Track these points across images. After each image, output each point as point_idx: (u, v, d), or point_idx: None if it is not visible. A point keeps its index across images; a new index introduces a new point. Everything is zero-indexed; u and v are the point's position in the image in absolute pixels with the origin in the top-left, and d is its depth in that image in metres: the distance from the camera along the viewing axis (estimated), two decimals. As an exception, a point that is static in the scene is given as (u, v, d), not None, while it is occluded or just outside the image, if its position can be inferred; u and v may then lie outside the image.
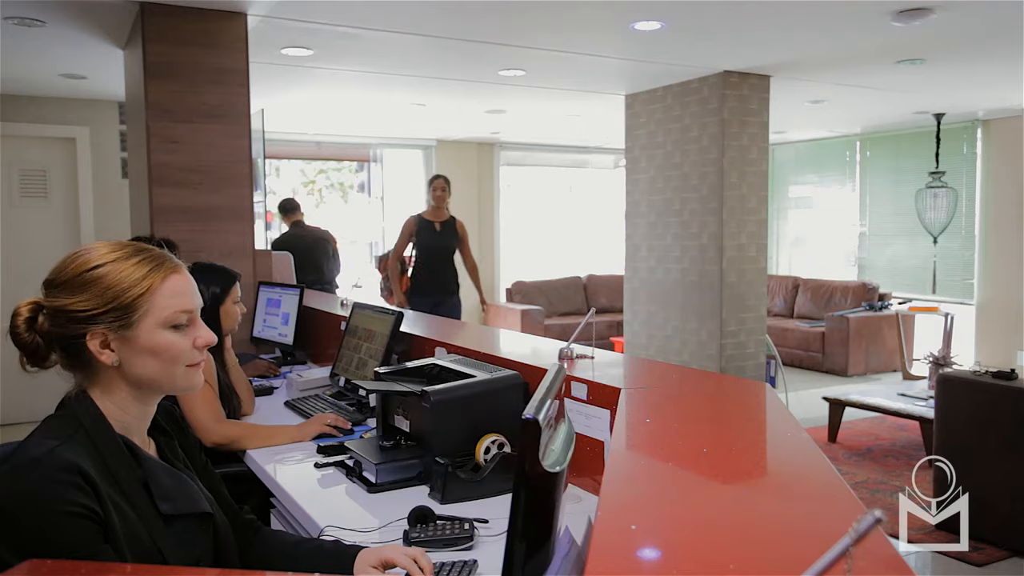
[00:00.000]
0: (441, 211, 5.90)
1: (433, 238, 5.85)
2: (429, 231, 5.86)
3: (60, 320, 1.21)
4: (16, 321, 1.23)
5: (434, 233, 5.86)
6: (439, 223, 5.90)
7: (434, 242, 5.84)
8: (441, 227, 5.89)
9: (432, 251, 5.85)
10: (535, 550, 0.99)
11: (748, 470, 1.33)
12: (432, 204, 5.89)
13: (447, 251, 5.93)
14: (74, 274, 1.22)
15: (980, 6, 4.07)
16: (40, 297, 1.25)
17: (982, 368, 3.97)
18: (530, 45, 4.79)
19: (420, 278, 5.88)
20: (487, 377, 2.07)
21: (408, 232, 5.92)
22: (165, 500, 1.24)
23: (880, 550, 0.86)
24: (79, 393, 1.25)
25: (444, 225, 5.92)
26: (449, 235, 5.92)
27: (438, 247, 5.86)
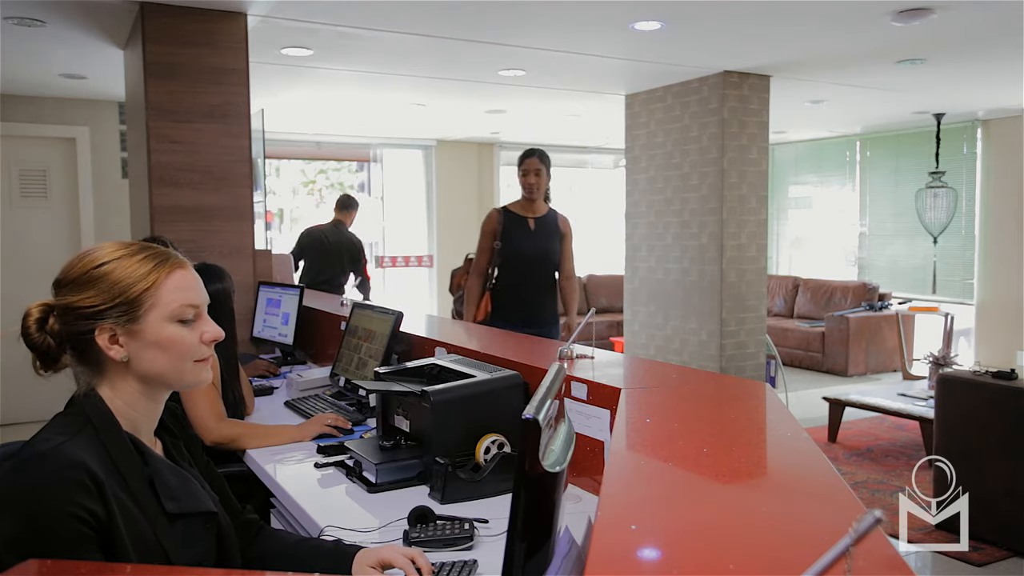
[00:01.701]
0: (536, 203, 4.12)
1: (526, 241, 4.06)
2: (520, 231, 4.07)
3: (69, 318, 1.23)
4: (27, 323, 1.24)
5: (527, 233, 4.07)
6: (533, 219, 4.11)
7: (527, 246, 4.05)
8: (537, 225, 4.10)
9: (524, 259, 4.05)
10: (535, 550, 0.99)
11: (748, 470, 1.33)
12: (523, 193, 4.13)
13: (546, 260, 4.10)
14: (81, 272, 1.24)
15: (980, 6, 4.07)
16: (50, 299, 1.26)
17: (982, 368, 3.97)
18: (530, 45, 4.79)
19: (505, 299, 4.05)
20: (487, 377, 2.07)
21: (489, 231, 4.14)
22: (170, 499, 1.24)
23: (880, 550, 0.86)
24: (88, 391, 1.26)
25: (541, 223, 4.11)
26: (548, 236, 4.11)
27: (533, 254, 4.06)
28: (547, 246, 4.09)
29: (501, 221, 4.11)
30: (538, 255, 4.07)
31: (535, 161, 4.06)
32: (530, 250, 4.05)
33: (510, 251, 4.06)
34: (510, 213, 4.13)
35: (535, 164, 4.05)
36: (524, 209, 4.13)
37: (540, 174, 4.06)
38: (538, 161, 4.06)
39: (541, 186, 4.07)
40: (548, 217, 4.14)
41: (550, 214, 4.15)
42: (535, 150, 4.10)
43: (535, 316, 4.03)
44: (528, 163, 4.07)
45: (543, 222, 4.12)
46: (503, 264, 4.05)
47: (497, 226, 4.11)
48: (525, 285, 4.04)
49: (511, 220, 4.11)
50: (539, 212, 4.12)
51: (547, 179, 4.09)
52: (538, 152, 4.08)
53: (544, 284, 4.10)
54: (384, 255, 9.32)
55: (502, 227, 4.09)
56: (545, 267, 4.10)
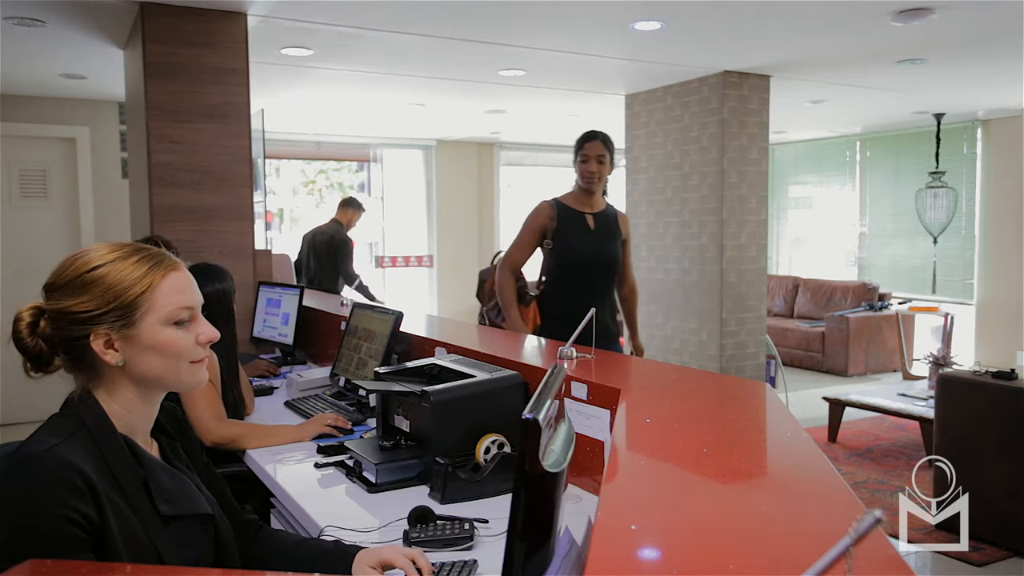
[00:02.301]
0: (595, 196, 3.41)
1: (584, 241, 3.34)
2: (576, 229, 3.35)
3: (63, 323, 1.21)
4: (18, 326, 1.22)
5: (586, 232, 3.35)
6: (592, 215, 3.39)
7: (586, 248, 3.34)
8: (597, 223, 3.38)
9: (581, 264, 3.33)
10: (535, 550, 0.99)
11: (748, 470, 1.33)
12: (579, 184, 3.39)
13: (608, 265, 3.40)
14: (74, 276, 1.22)
15: (980, 6, 4.07)
16: (41, 301, 1.24)
17: (982, 368, 3.97)
18: (530, 45, 4.79)
19: (557, 311, 3.35)
20: (487, 377, 2.07)
21: (538, 228, 3.38)
22: (165, 501, 1.24)
23: (880, 550, 0.86)
24: (83, 393, 1.25)
25: (602, 221, 3.41)
26: (610, 237, 3.41)
27: (593, 257, 3.35)
28: (608, 249, 3.37)
29: (554, 216, 3.33)
30: (599, 259, 3.34)
31: (598, 145, 3.32)
32: (589, 253, 3.32)
33: (565, 253, 3.31)
34: (565, 207, 3.37)
35: (598, 148, 3.31)
36: (581, 203, 3.38)
37: (604, 161, 3.32)
38: (602, 145, 3.32)
39: (604, 176, 3.35)
40: (608, 214, 3.42)
41: (609, 211, 3.45)
42: (598, 132, 3.37)
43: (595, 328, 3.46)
44: (590, 147, 3.32)
45: (603, 220, 3.39)
46: (555, 269, 3.32)
47: (549, 222, 3.33)
48: (582, 295, 3.24)
49: (566, 216, 3.34)
50: (598, 207, 3.41)
51: (611, 168, 3.36)
52: (601, 135, 3.34)
53: (605, 294, 3.36)
54: (384, 255, 9.32)
55: (555, 223, 3.32)
56: (607, 274, 3.38)
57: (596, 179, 3.34)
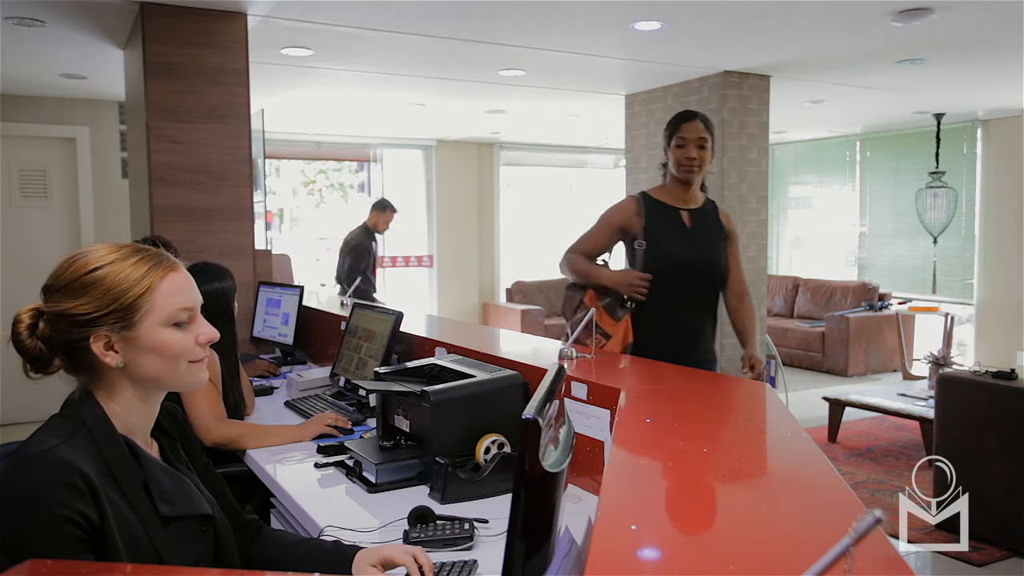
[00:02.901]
0: (692, 190, 2.85)
1: (682, 242, 2.80)
2: (671, 228, 2.82)
3: (62, 325, 1.21)
4: (18, 328, 1.22)
5: (682, 232, 2.82)
6: (688, 212, 2.85)
7: (685, 250, 2.79)
8: (695, 221, 2.85)
9: (680, 269, 2.77)
10: (535, 550, 0.99)
11: (748, 470, 1.33)
12: (672, 173, 2.84)
13: (710, 269, 2.85)
14: (73, 278, 1.22)
15: (980, 6, 4.07)
16: (40, 303, 1.24)
17: (982, 368, 3.97)
18: (530, 45, 4.79)
19: (653, 327, 2.73)
20: (487, 377, 2.07)
21: (617, 224, 2.89)
22: (164, 502, 1.24)
23: (880, 550, 0.86)
24: (83, 394, 1.25)
25: (701, 218, 2.87)
26: (711, 235, 2.87)
27: (693, 261, 2.79)
28: (711, 251, 2.82)
29: (642, 213, 2.80)
30: (700, 263, 2.79)
31: (698, 126, 2.74)
32: (689, 256, 2.76)
33: (659, 257, 2.75)
34: (655, 202, 2.83)
35: (698, 131, 2.73)
36: (676, 197, 2.83)
37: (705, 146, 2.74)
38: (703, 126, 2.74)
39: (705, 164, 2.76)
40: (707, 210, 2.88)
41: (709, 206, 2.90)
42: (696, 112, 2.81)
43: (693, 348, 2.78)
44: (688, 128, 2.74)
45: (703, 217, 2.85)
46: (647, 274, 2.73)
47: (636, 219, 2.80)
48: (681, 305, 2.75)
49: (657, 212, 2.80)
50: (696, 203, 2.85)
51: (712, 155, 2.80)
52: (701, 115, 2.78)
53: (708, 305, 2.85)
54: (384, 255, 9.32)
55: (644, 221, 2.78)
56: (710, 281, 2.85)
57: (696, 167, 2.73)
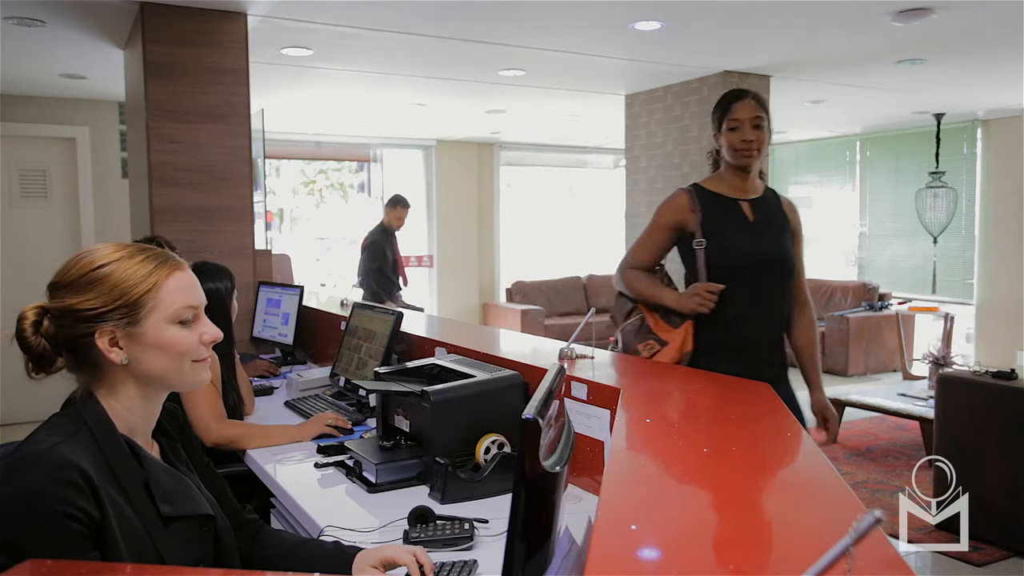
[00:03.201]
0: (751, 178, 2.48)
1: (746, 237, 2.43)
2: (731, 222, 2.45)
3: (67, 320, 1.22)
4: (22, 325, 1.23)
5: (745, 226, 2.45)
6: (748, 202, 2.48)
7: (750, 246, 2.42)
8: (757, 212, 2.47)
9: (745, 269, 2.41)
10: (535, 550, 0.99)
11: (748, 470, 1.33)
12: (726, 160, 2.48)
13: (779, 263, 2.47)
14: (79, 274, 1.23)
15: (980, 6, 4.07)
16: (45, 301, 1.25)
17: (982, 368, 3.97)
18: (530, 45, 4.79)
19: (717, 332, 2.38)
20: (487, 377, 2.07)
21: (671, 223, 2.54)
22: (166, 502, 1.24)
23: (880, 550, 0.86)
24: (85, 393, 1.25)
25: (763, 209, 2.49)
26: (776, 227, 2.49)
27: (758, 256, 2.42)
28: (779, 245, 2.45)
29: (696, 207, 2.45)
30: (770, 259, 2.42)
31: (750, 105, 2.40)
32: (756, 251, 2.40)
33: (723, 255, 2.40)
34: (709, 194, 2.47)
35: (751, 109, 2.39)
36: (733, 187, 2.47)
37: (762, 126, 2.40)
38: (756, 105, 2.40)
39: (763, 146, 2.42)
40: (768, 200, 2.50)
41: (770, 195, 2.52)
42: (747, 90, 2.48)
43: (764, 357, 2.44)
44: (741, 108, 2.40)
45: (765, 208, 2.48)
46: (709, 278, 2.39)
47: (691, 215, 2.45)
48: (750, 310, 2.39)
49: (714, 205, 2.45)
50: (755, 192, 2.49)
51: (769, 137, 2.46)
52: (752, 92, 2.46)
53: (780, 308, 2.49)
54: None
55: (701, 216, 2.43)
56: (781, 279, 2.46)
57: (753, 151, 2.40)
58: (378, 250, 6.72)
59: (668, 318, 2.43)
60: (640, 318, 2.49)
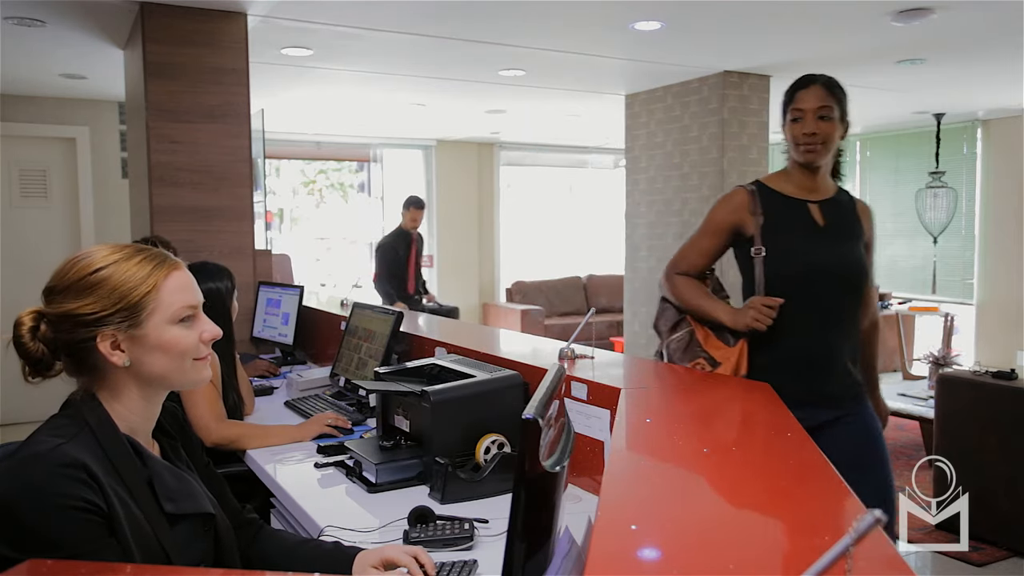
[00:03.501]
0: (820, 176, 2.23)
1: (813, 244, 2.17)
2: (797, 225, 2.20)
3: (67, 325, 1.21)
4: (20, 331, 1.22)
5: (811, 228, 2.19)
6: (817, 204, 2.21)
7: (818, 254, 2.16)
8: (826, 215, 2.21)
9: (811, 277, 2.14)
10: (535, 550, 0.99)
11: (748, 470, 1.32)
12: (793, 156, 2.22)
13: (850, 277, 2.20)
14: (77, 278, 1.22)
15: (980, 6, 4.07)
16: (40, 305, 1.24)
17: (982, 368, 3.97)
18: (530, 45, 4.79)
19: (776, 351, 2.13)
20: (487, 377, 2.07)
21: (727, 225, 2.25)
22: (169, 500, 1.24)
23: (880, 550, 0.86)
24: (85, 394, 1.25)
25: (832, 210, 2.22)
26: (847, 234, 2.22)
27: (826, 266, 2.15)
28: (850, 253, 2.17)
29: (757, 209, 2.18)
30: (839, 270, 2.14)
31: (818, 93, 2.14)
32: (823, 261, 2.12)
33: (784, 264, 2.14)
34: (773, 194, 2.20)
35: (818, 98, 2.13)
36: (800, 186, 2.20)
37: (830, 117, 2.13)
38: (825, 92, 2.14)
39: (832, 141, 2.15)
40: (841, 203, 2.23)
41: (843, 197, 2.25)
42: (817, 76, 2.21)
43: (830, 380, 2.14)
44: (805, 96, 2.15)
45: (836, 211, 2.20)
46: (768, 289, 2.13)
47: (751, 217, 2.18)
48: (815, 328, 2.12)
49: (777, 206, 2.18)
50: (826, 192, 2.22)
51: (844, 129, 2.20)
52: (823, 78, 2.19)
53: (850, 326, 2.19)
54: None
55: (763, 219, 2.16)
56: (852, 293, 2.17)
57: (817, 146, 2.12)
58: (387, 252, 6.73)
59: (720, 334, 2.17)
60: (689, 332, 2.20)
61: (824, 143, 2.14)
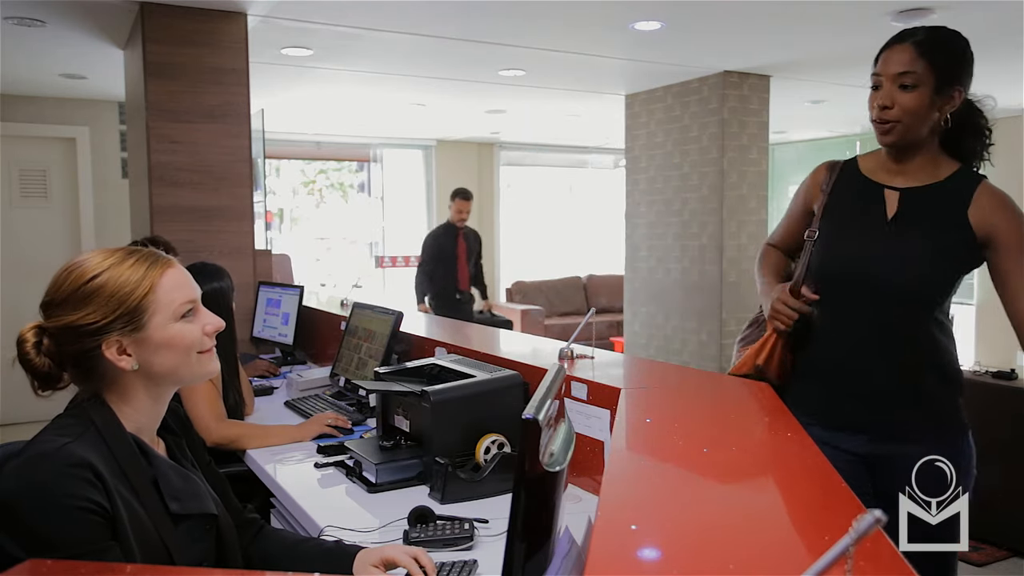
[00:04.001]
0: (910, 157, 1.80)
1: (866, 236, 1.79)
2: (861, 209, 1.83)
3: (70, 337, 1.21)
4: (24, 348, 1.21)
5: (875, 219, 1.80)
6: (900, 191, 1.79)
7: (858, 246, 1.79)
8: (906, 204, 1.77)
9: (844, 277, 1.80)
10: (535, 550, 0.99)
11: (748, 470, 1.32)
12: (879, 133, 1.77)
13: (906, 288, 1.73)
14: (73, 289, 1.21)
15: (980, 6, 4.07)
16: (40, 320, 1.24)
17: (982, 368, 3.97)
18: (530, 45, 4.79)
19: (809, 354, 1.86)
20: (487, 377, 2.07)
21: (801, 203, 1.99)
22: (174, 500, 1.25)
23: (880, 550, 0.86)
24: (92, 396, 1.25)
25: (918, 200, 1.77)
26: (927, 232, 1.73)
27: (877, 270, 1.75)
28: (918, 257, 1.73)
29: (828, 187, 1.89)
30: (890, 276, 1.74)
31: (903, 54, 1.73)
32: (872, 262, 1.76)
33: (826, 254, 1.84)
34: (853, 174, 1.88)
35: (900, 61, 1.72)
36: (883, 167, 1.84)
37: (914, 86, 1.70)
38: (912, 55, 1.72)
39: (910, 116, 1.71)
40: (945, 190, 1.77)
41: (954, 184, 1.79)
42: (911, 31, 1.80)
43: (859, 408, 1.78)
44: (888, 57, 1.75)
45: (926, 201, 1.77)
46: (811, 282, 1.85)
47: (819, 195, 1.91)
48: (844, 338, 1.80)
49: (851, 188, 1.86)
50: (923, 178, 1.79)
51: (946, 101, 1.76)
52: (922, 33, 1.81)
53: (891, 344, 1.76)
54: (384, 255, 9.33)
55: (826, 199, 1.88)
56: (897, 305, 1.75)
57: (893, 124, 1.72)
58: (427, 247, 6.51)
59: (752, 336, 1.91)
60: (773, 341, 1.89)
61: (903, 121, 1.71)
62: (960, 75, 1.79)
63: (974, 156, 1.90)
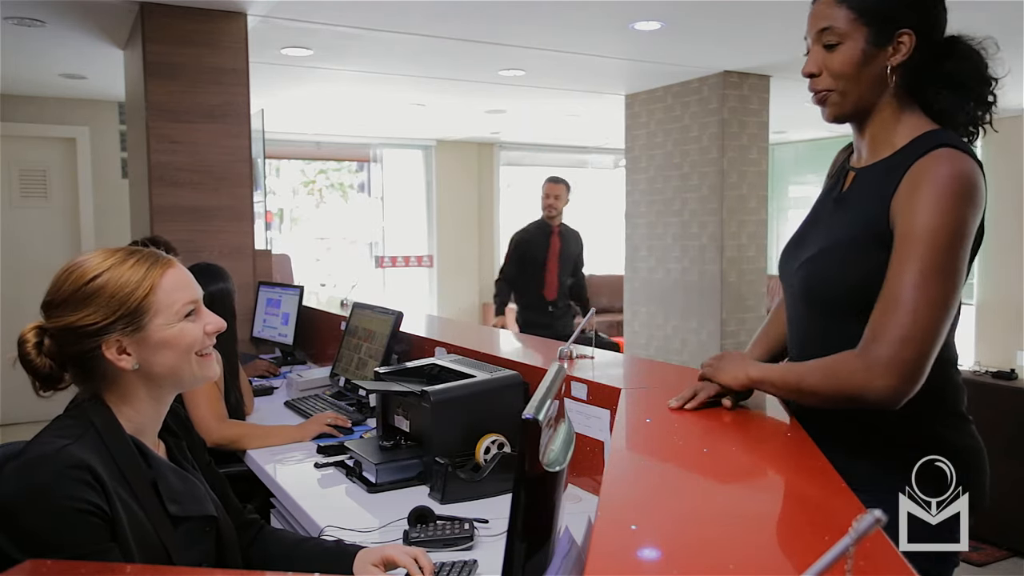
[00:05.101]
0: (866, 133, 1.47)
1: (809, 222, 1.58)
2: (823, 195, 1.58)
3: (70, 338, 1.21)
4: (25, 348, 1.21)
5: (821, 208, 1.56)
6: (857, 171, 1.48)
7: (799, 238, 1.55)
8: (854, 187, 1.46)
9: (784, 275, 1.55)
10: (535, 550, 0.99)
11: (748, 470, 1.32)
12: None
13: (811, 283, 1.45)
14: (73, 289, 1.21)
15: (980, 6, 4.07)
16: (41, 320, 1.23)
17: (982, 368, 3.97)
18: (530, 45, 4.79)
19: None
20: (487, 377, 2.07)
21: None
22: (174, 502, 1.25)
23: (880, 550, 0.86)
24: (92, 397, 1.25)
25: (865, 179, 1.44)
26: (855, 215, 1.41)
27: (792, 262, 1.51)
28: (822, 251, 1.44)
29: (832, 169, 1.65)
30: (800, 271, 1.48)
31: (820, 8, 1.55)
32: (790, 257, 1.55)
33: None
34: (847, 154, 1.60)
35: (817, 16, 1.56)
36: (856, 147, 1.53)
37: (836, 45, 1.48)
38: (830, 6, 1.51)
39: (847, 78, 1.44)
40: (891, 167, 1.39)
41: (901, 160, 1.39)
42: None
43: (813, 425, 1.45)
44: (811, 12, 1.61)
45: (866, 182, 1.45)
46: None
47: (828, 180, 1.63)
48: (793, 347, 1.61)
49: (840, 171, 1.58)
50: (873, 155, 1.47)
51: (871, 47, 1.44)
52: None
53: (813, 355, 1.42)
54: (384, 255, 9.33)
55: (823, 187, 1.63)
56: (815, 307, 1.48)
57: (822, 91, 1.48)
58: (513, 248, 5.15)
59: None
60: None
61: (836, 88, 1.42)
62: (900, 13, 1.43)
63: (958, 116, 1.53)
